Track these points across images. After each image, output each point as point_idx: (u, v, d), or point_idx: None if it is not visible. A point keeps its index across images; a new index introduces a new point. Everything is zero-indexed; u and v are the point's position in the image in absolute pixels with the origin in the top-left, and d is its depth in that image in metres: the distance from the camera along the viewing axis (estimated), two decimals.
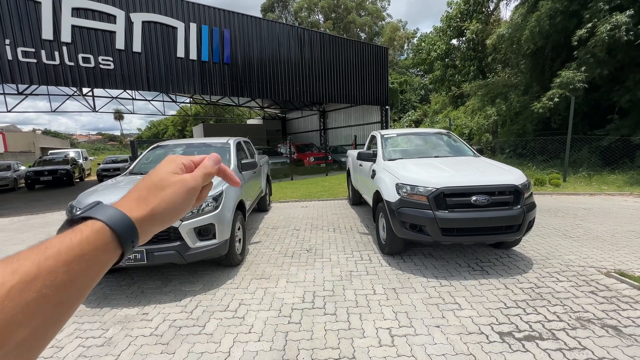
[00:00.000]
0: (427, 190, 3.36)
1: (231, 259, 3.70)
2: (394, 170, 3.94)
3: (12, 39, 7.56)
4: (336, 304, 2.90)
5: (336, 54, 13.63)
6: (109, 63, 8.69)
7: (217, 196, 3.44)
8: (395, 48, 42.30)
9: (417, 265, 3.71)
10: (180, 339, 2.47)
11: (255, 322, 2.67)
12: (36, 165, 15.08)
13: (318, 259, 4.04)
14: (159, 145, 4.93)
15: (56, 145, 40.87)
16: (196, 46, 9.95)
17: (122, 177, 4.17)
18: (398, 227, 3.54)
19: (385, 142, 5.06)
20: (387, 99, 15.65)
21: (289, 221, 6.04)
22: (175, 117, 46.94)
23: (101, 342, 2.47)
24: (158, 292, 3.29)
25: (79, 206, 3.10)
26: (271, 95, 12.18)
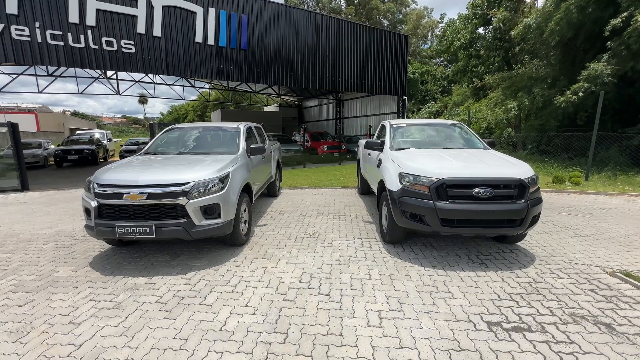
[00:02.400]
0: (429, 180, 3.35)
1: (235, 238, 3.86)
2: (398, 159, 3.94)
3: (41, 22, 7.92)
4: (331, 286, 3.00)
5: (354, 41, 13.39)
6: (130, 47, 8.95)
7: (223, 177, 3.57)
8: (418, 37, 40.92)
9: (416, 254, 3.74)
10: (182, 308, 2.65)
11: (252, 297, 2.82)
12: (64, 145, 15.92)
13: (320, 244, 4.14)
14: (174, 127, 5.12)
15: (84, 126, 42.70)
16: (214, 31, 10.06)
17: (137, 156, 4.39)
18: (399, 216, 3.57)
19: (394, 131, 5.03)
20: (404, 89, 15.31)
21: (296, 207, 6.17)
22: (195, 103, 47.87)
23: (112, 306, 2.69)
24: (166, 265, 3.50)
25: (96, 181, 3.32)
26: (287, 82, 12.20)
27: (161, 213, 3.25)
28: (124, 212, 3.24)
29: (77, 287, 3.03)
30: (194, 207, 3.27)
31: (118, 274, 3.29)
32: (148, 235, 3.16)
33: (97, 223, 3.24)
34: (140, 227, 3.15)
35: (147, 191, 3.17)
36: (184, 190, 3.24)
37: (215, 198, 3.41)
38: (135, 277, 3.21)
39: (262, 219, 5.34)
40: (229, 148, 4.58)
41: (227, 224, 3.55)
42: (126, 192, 3.17)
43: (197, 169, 3.53)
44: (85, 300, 2.78)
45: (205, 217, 3.40)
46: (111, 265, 3.51)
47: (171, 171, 3.46)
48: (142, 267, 3.45)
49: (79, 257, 3.75)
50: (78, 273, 3.33)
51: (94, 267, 3.48)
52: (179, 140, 4.90)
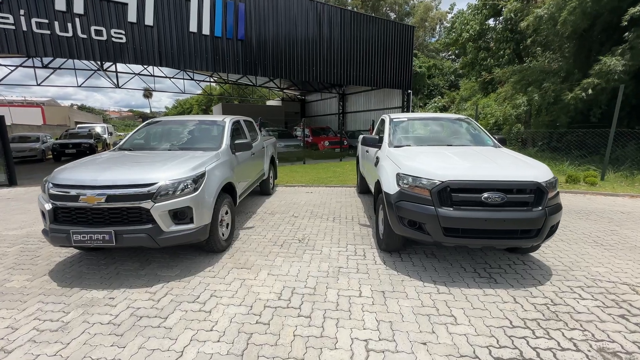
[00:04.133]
0: (431, 182, 2.91)
1: (213, 244, 3.47)
2: (397, 158, 3.49)
3: (26, 9, 7.55)
4: (314, 305, 2.59)
5: (357, 32, 12.81)
6: (121, 36, 8.56)
7: (197, 177, 3.16)
8: (426, 30, 39.86)
9: (415, 265, 3.31)
10: (136, 331, 2.26)
11: (221, 318, 2.42)
12: (62, 138, 15.70)
13: (308, 251, 3.73)
14: (153, 121, 4.72)
15: (89, 120, 42.76)
16: (209, 20, 9.60)
17: (108, 152, 4.00)
18: (396, 223, 3.14)
19: (393, 126, 4.57)
20: (410, 83, 14.72)
21: (289, 207, 5.76)
22: (200, 97, 47.61)
23: (56, 327, 2.32)
24: (133, 274, 3.13)
25: (52, 181, 2.94)
26: (287, 75, 11.72)
27: (123, 218, 2.85)
28: (81, 216, 2.86)
29: (25, 301, 2.67)
30: (160, 211, 2.88)
31: (76, 285, 2.92)
32: (107, 243, 2.78)
33: (52, 228, 2.86)
34: (99, 233, 2.76)
35: (106, 193, 2.78)
36: (149, 192, 2.84)
37: (186, 201, 3.01)
38: (94, 290, 2.84)
39: (250, 220, 4.94)
40: (211, 144, 4.17)
41: (201, 230, 3.15)
42: (82, 194, 2.78)
43: (167, 167, 3.12)
44: (28, 320, 2.41)
45: (175, 223, 3.00)
46: (72, 274, 3.14)
47: (137, 170, 3.06)
48: (106, 277, 3.07)
49: (40, 264, 3.40)
50: (33, 283, 2.97)
51: (52, 276, 3.12)
52: (158, 135, 4.51)
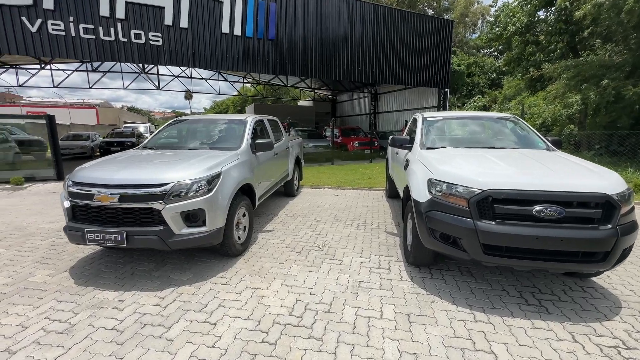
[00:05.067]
0: (469, 191, 2.49)
1: (228, 249, 3.31)
2: (429, 161, 3.09)
3: (75, 16, 8.09)
4: (327, 325, 2.31)
5: (391, 29, 12.28)
6: (158, 39, 8.89)
7: (211, 178, 3.02)
8: (466, 25, 37.81)
9: (447, 284, 2.90)
10: (137, 341, 2.13)
11: (225, 332, 2.23)
12: (108, 137, 16.90)
13: (327, 260, 3.45)
14: (178, 120, 4.73)
15: (137, 120, 46.11)
16: (241, 21, 9.69)
17: (132, 150, 4.03)
18: (425, 235, 2.76)
19: (427, 126, 4.14)
20: (447, 81, 13.85)
21: (312, 210, 5.52)
22: (235, 98, 49.31)
23: (62, 329, 2.27)
24: (146, 276, 3.06)
25: (72, 179, 2.95)
26: (316, 74, 11.53)
27: (136, 218, 2.78)
28: (96, 215, 2.83)
29: (41, 298, 2.68)
30: (172, 213, 2.76)
31: (91, 284, 2.90)
32: (119, 244, 2.72)
33: (69, 226, 2.87)
34: (111, 233, 2.71)
35: (119, 192, 2.72)
36: (161, 193, 2.74)
37: (199, 202, 2.87)
38: (107, 291, 2.79)
39: (270, 223, 4.77)
40: (232, 143, 4.05)
41: (215, 233, 3.00)
42: (97, 193, 2.74)
43: (182, 167, 3.02)
44: (39, 319, 2.39)
45: (187, 225, 2.88)
46: (90, 272, 3.14)
47: (151, 170, 2.99)
48: (120, 277, 3.03)
49: (64, 259, 3.46)
50: (53, 279, 3.01)
51: (72, 272, 3.14)
52: (181, 133, 4.49)
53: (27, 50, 8.02)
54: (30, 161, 10.30)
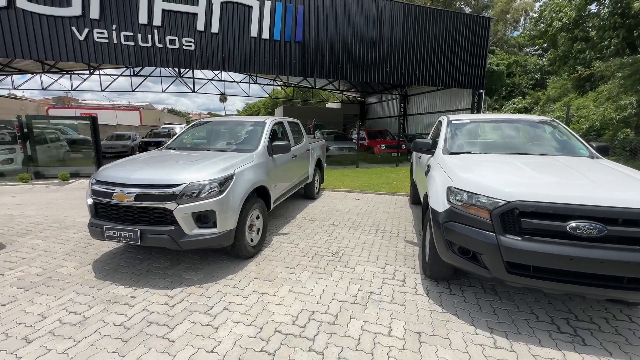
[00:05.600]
0: (492, 202, 2.26)
1: (239, 251, 3.31)
2: (450, 168, 2.87)
3: (117, 25, 8.69)
4: (330, 339, 2.19)
5: (422, 28, 11.84)
6: (190, 44, 9.29)
7: (224, 180, 3.03)
8: (507, 23, 35.68)
9: (467, 302, 2.66)
10: (141, 339, 2.16)
11: (226, 337, 2.19)
12: (147, 137, 18.01)
13: (340, 267, 3.33)
14: (199, 122, 4.86)
15: (175, 121, 48.96)
16: (269, 25, 9.85)
17: (154, 151, 4.19)
18: (443, 248, 2.55)
19: (451, 129, 3.87)
20: (482, 82, 13.07)
21: (330, 214, 5.42)
22: (266, 100, 50.64)
23: (76, 321, 2.37)
24: (160, 274, 3.13)
25: (96, 177, 3.10)
26: (343, 76, 11.42)
27: (150, 218, 2.86)
28: (114, 213, 2.95)
29: (64, 289, 2.83)
30: (184, 213, 2.80)
31: (109, 279, 3.02)
32: (133, 241, 2.81)
33: (91, 222, 3.02)
34: (126, 231, 2.80)
35: (135, 191, 2.81)
36: (174, 193, 2.79)
37: (210, 204, 2.89)
38: (122, 286, 2.89)
39: (286, 225, 4.74)
40: (249, 145, 4.07)
41: (225, 235, 3.01)
42: (115, 192, 2.85)
43: (195, 168, 3.06)
44: (58, 309, 2.52)
45: (198, 226, 2.91)
46: (110, 267, 3.29)
47: (165, 170, 3.06)
48: (137, 273, 3.14)
49: (90, 252, 3.66)
50: (77, 272, 3.18)
51: (95, 266, 3.31)
52: (202, 135, 4.61)
53: (76, 57, 8.74)
54: (77, 158, 11.24)
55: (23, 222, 4.85)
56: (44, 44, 8.39)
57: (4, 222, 4.83)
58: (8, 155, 9.18)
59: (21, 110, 24.03)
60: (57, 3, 8.25)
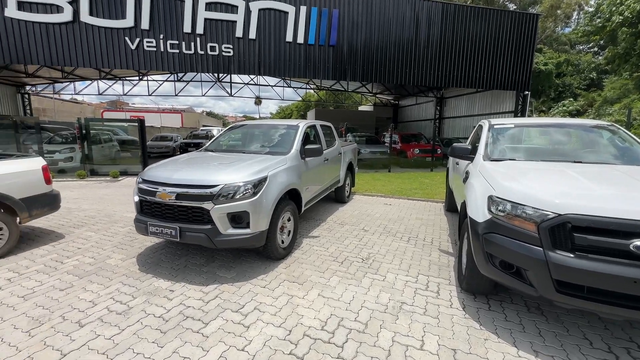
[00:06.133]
0: (540, 214, 2.08)
1: (270, 252, 3.37)
2: (491, 175, 2.70)
3: (164, 34, 9.33)
4: (360, 347, 2.15)
5: (461, 28, 11.35)
6: (229, 50, 9.72)
7: (257, 182, 3.11)
8: (557, 19, 33.08)
9: (509, 321, 2.47)
10: (177, 332, 2.28)
11: (256, 337, 2.24)
12: (187, 138, 19.11)
13: (370, 274, 3.26)
14: (235, 125, 5.04)
15: (213, 123, 51.60)
16: (304, 30, 10.01)
17: (194, 152, 4.41)
18: (482, 261, 2.40)
19: (493, 134, 3.65)
20: (528, 83, 12.21)
21: (361, 218, 5.35)
22: (299, 103, 51.58)
23: (121, 310, 2.55)
24: (196, 270, 3.28)
25: (142, 177, 3.33)
26: (377, 79, 11.28)
27: (188, 216, 3.01)
28: (157, 210, 3.14)
29: (112, 279, 3.07)
30: (219, 213, 2.91)
31: (151, 272, 3.22)
32: (173, 238, 2.97)
33: (137, 218, 3.24)
34: (167, 228, 2.97)
35: (176, 191, 2.98)
36: (211, 194, 2.91)
37: (244, 205, 2.98)
38: (162, 280, 3.06)
39: (317, 228, 4.75)
40: (282, 148, 4.14)
41: (258, 236, 3.08)
42: (158, 190, 3.04)
43: (231, 170, 3.17)
44: (106, 298, 2.73)
45: (232, 226, 3.01)
46: (152, 260, 3.51)
47: (204, 171, 3.21)
48: (175, 268, 3.31)
49: (135, 246, 3.94)
50: (123, 263, 3.43)
51: (139, 259, 3.55)
52: (237, 137, 4.78)
53: (128, 64, 9.51)
54: (125, 158, 12.22)
55: (79, 215, 5.34)
56: (101, 53, 9.24)
57: (64, 214, 5.35)
58: (69, 154, 10.20)
59: (80, 113, 26.65)
60: (113, 16, 9.05)
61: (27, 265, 3.36)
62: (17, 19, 8.64)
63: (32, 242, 4.04)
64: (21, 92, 18.77)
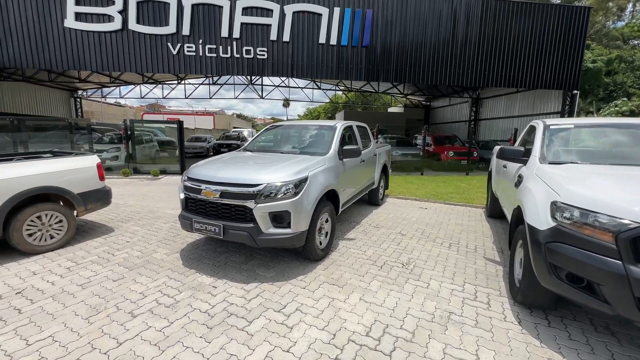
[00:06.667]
0: (617, 223, 1.87)
1: (309, 253, 3.35)
2: (553, 179, 2.48)
3: (203, 39, 9.73)
4: (408, 357, 2.04)
5: (502, 24, 10.76)
6: (263, 53, 9.93)
7: (298, 182, 3.10)
8: (608, 12, 30.53)
9: (573, 340, 2.24)
10: (223, 329, 2.30)
11: (300, 339, 2.20)
12: (220, 139, 19.80)
13: (412, 280, 3.13)
14: (274, 125, 5.10)
15: (242, 125, 53.31)
16: (337, 31, 10.00)
17: (235, 152, 4.51)
18: (544, 272, 2.20)
19: (549, 135, 3.37)
20: (577, 81, 11.32)
21: (397, 222, 5.19)
22: (326, 105, 51.83)
23: (169, 303, 2.63)
24: (236, 268, 3.33)
25: (188, 175, 3.45)
26: (411, 79, 10.99)
27: (232, 214, 3.06)
28: (202, 208, 3.23)
29: (158, 272, 3.19)
30: (261, 212, 2.93)
31: (194, 267, 3.32)
32: (217, 235, 3.03)
33: (182, 215, 3.35)
34: (212, 225, 3.04)
35: (220, 189, 3.04)
36: (254, 193, 2.94)
37: (286, 205, 2.97)
38: (205, 275, 3.14)
39: (352, 231, 4.67)
40: (320, 148, 4.12)
41: (298, 236, 3.06)
42: (203, 188, 3.13)
43: (273, 170, 3.19)
44: (154, 290, 2.84)
45: (274, 225, 3.02)
46: (194, 256, 3.61)
47: (246, 171, 3.25)
48: (216, 265, 3.39)
49: (178, 242, 4.09)
50: (168, 258, 3.56)
51: (182, 254, 3.67)
52: (275, 138, 4.82)
53: (170, 69, 10.02)
54: (164, 157, 12.87)
55: (126, 211, 5.67)
56: (146, 58, 9.81)
57: (112, 209, 5.70)
58: (115, 153, 10.92)
59: (123, 116, 28.54)
60: (157, 23, 9.58)
61: (83, 256, 3.59)
62: (75, 29, 9.40)
63: (86, 234, 4.33)
64: (74, 96, 20.48)
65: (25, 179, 3.46)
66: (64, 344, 2.11)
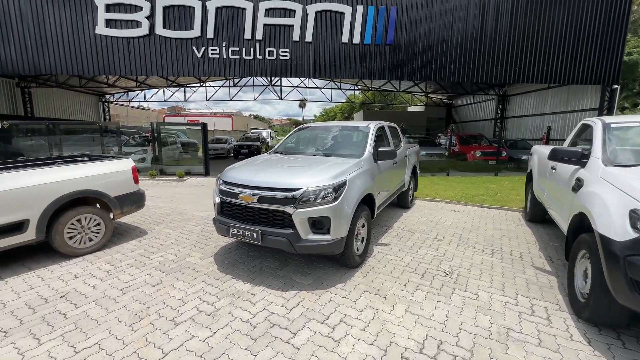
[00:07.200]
0: None
1: (347, 259, 3.22)
2: (628, 184, 2.23)
3: (227, 42, 9.80)
4: None
5: (535, 17, 10.21)
6: (286, 54, 9.88)
7: (338, 186, 2.98)
8: None
9: None
10: (267, 341, 2.21)
11: (349, 354, 2.08)
12: (240, 141, 20.01)
13: (458, 290, 2.94)
14: (304, 126, 5.00)
15: (260, 126, 54.01)
16: (360, 29, 9.81)
17: (266, 154, 4.44)
18: (622, 287, 1.97)
19: (610, 135, 3.08)
20: (617, 75, 10.58)
21: (430, 226, 4.97)
22: (342, 105, 51.53)
23: (210, 311, 2.57)
24: (272, 274, 3.24)
25: (222, 178, 3.40)
26: (435, 77, 10.63)
27: (269, 219, 2.97)
28: (238, 212, 3.16)
29: (195, 278, 3.16)
30: (301, 218, 2.83)
31: (230, 273, 3.26)
32: (254, 241, 2.95)
33: (217, 219, 3.30)
34: (249, 230, 2.97)
35: (258, 193, 2.96)
36: (293, 197, 2.84)
37: (325, 210, 2.86)
38: (241, 282, 3.07)
39: (385, 235, 4.50)
40: (354, 150, 3.98)
41: (337, 243, 2.94)
42: (240, 192, 3.06)
43: (311, 173, 3.08)
44: (193, 297, 2.79)
45: (313, 231, 2.91)
46: (229, 261, 3.56)
47: (284, 174, 3.16)
48: (252, 271, 3.31)
49: (210, 245, 4.06)
50: (203, 262, 3.53)
51: (216, 259, 3.63)
52: (307, 139, 4.71)
53: (194, 72, 10.16)
54: (187, 159, 13.11)
55: (157, 213, 5.74)
56: (171, 62, 9.99)
57: (143, 211, 5.78)
58: (142, 155, 11.21)
59: (147, 119, 29.48)
60: (183, 27, 9.73)
61: (121, 259, 3.62)
62: (105, 35, 9.71)
63: (122, 237, 4.39)
64: (102, 101, 21.30)
65: (67, 182, 3.53)
66: (111, 352, 2.08)
